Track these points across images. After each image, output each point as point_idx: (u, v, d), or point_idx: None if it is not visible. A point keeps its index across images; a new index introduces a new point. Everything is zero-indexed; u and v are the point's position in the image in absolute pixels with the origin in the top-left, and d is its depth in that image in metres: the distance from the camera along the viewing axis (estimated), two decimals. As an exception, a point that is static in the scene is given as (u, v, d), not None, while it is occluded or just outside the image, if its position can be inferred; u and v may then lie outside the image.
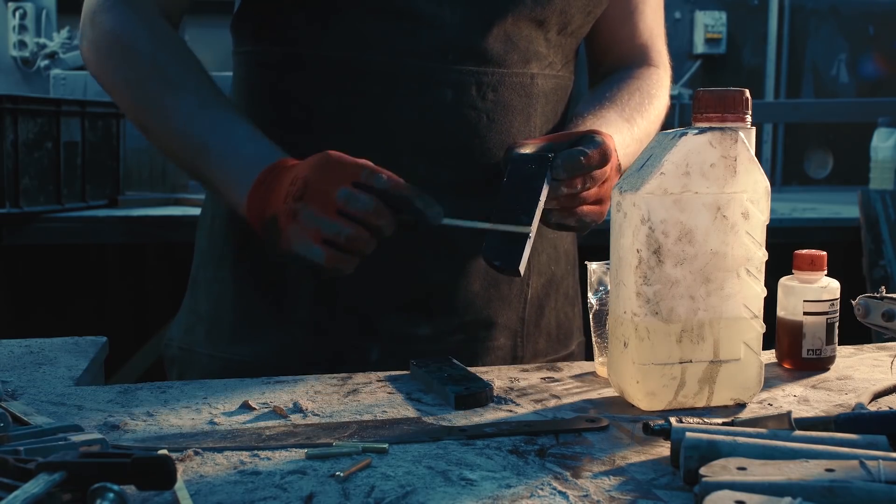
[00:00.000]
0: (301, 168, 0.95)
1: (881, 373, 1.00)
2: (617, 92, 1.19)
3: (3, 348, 1.02)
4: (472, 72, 1.09)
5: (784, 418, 0.72)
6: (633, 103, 1.18)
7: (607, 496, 0.65)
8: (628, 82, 1.21)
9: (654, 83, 1.23)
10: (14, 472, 0.60)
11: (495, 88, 1.10)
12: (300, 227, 0.92)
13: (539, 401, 0.88)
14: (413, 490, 0.65)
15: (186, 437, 0.76)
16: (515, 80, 1.12)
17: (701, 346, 0.84)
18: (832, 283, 1.01)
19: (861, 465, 0.62)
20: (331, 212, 0.92)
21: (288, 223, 0.93)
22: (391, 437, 0.76)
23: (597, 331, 1.00)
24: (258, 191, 0.97)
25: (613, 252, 0.87)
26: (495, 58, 1.10)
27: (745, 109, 0.88)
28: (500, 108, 1.11)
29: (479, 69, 1.09)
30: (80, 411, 0.82)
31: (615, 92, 1.19)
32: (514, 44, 1.11)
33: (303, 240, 0.92)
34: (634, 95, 1.19)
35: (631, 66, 1.26)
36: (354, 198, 0.91)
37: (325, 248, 0.92)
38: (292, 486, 0.66)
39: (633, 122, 1.16)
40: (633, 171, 0.86)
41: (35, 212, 2.81)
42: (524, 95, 1.13)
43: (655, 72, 1.26)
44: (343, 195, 0.91)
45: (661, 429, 0.73)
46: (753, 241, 0.85)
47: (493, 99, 1.10)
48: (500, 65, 1.10)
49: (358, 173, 0.92)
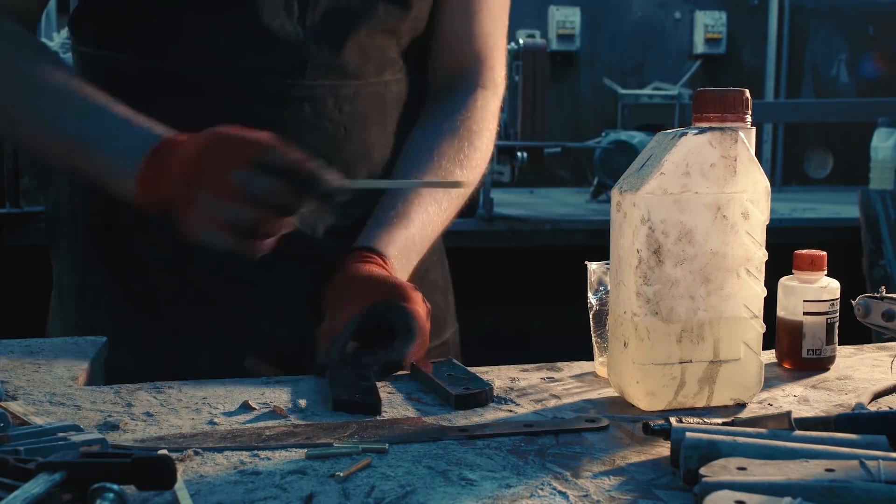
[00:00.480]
0: (190, 148, 0.91)
1: (881, 373, 1.00)
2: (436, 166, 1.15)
3: (2, 348, 1.02)
4: (328, 86, 1.09)
5: (784, 418, 0.72)
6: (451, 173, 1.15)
7: (607, 496, 0.65)
8: (448, 137, 1.17)
9: (479, 117, 1.20)
10: (14, 472, 0.60)
11: (352, 100, 1.11)
12: (199, 214, 0.88)
13: (539, 401, 0.88)
14: (413, 490, 0.65)
15: (186, 437, 0.76)
16: (371, 90, 1.13)
17: (701, 346, 0.84)
18: (832, 283, 1.01)
19: (861, 465, 0.61)
20: (228, 195, 0.87)
21: (186, 211, 0.89)
22: (391, 438, 0.76)
23: (597, 331, 1.00)
24: (147, 174, 0.93)
25: (613, 252, 0.87)
26: (351, 70, 1.11)
27: (745, 109, 0.88)
28: (357, 119, 1.12)
29: (336, 83, 1.10)
30: (80, 411, 0.82)
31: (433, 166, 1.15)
32: (367, 55, 1.12)
33: (205, 228, 0.89)
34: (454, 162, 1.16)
35: (459, 89, 1.22)
36: (251, 181, 0.86)
37: (230, 235, 0.88)
38: (292, 486, 0.66)
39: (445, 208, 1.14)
40: (633, 171, 0.86)
41: (35, 212, 2.81)
42: (380, 104, 1.14)
43: (482, 96, 1.22)
44: (239, 179, 0.87)
45: (661, 429, 0.73)
46: (753, 241, 0.85)
47: (349, 111, 1.11)
48: (356, 77, 1.11)
49: (251, 151, 0.87)
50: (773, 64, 6.04)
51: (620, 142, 4.49)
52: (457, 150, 1.17)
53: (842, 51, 6.12)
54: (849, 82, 6.14)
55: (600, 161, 4.50)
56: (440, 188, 1.14)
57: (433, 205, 1.13)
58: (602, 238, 0.94)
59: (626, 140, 4.50)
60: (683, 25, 5.97)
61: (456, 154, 1.16)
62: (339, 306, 1.00)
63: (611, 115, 5.42)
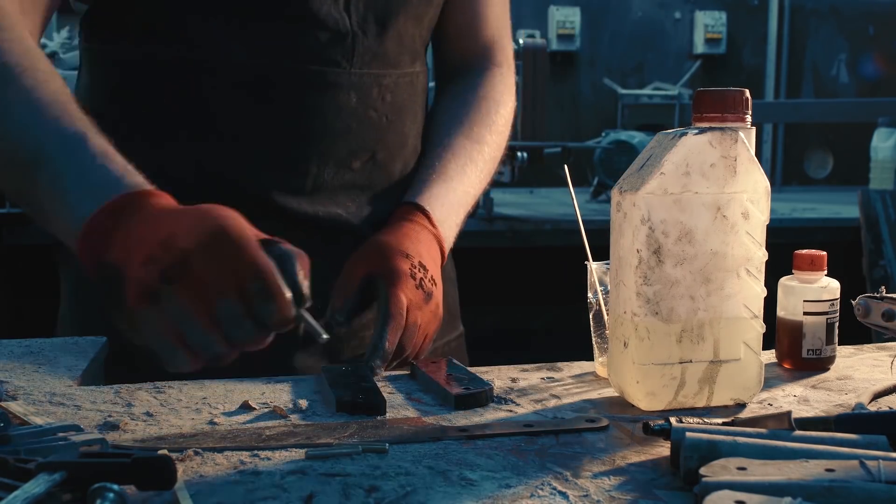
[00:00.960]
0: (182, 233, 0.71)
1: (881, 373, 1.00)
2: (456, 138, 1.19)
3: (3, 348, 1.02)
4: (373, 74, 1.10)
5: (784, 418, 0.72)
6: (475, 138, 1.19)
7: (607, 496, 0.65)
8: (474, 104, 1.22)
9: (499, 89, 1.25)
10: (14, 472, 0.60)
11: (392, 89, 1.13)
12: (160, 318, 0.70)
13: (539, 401, 0.88)
14: (413, 490, 0.65)
15: (186, 437, 0.76)
16: (406, 80, 1.15)
17: (701, 346, 0.84)
18: (832, 283, 1.01)
19: (861, 465, 0.62)
20: (204, 317, 0.70)
21: (143, 303, 0.70)
22: (391, 438, 0.76)
23: (597, 331, 1.00)
24: (102, 222, 0.76)
25: (613, 252, 0.87)
26: (391, 59, 1.12)
27: (745, 109, 0.88)
28: (396, 108, 1.14)
29: (379, 71, 1.11)
30: (80, 411, 0.82)
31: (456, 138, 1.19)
32: (403, 44, 1.14)
33: (160, 335, 0.71)
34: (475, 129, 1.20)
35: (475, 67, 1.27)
36: (237, 323, 0.70)
37: (184, 351, 0.71)
38: (292, 486, 0.66)
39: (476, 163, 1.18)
40: (633, 172, 0.86)
41: (35, 212, 2.81)
42: (413, 94, 1.17)
43: (499, 73, 1.27)
44: (225, 312, 0.70)
45: (661, 429, 0.73)
46: (753, 241, 0.85)
47: (390, 100, 1.13)
48: (395, 66, 1.13)
49: (248, 278, 0.69)
50: (773, 64, 6.05)
51: (620, 142, 4.49)
52: (484, 115, 1.21)
53: (842, 51, 6.12)
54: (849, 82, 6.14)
55: (600, 161, 4.50)
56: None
57: (470, 164, 1.17)
58: (602, 238, 0.94)
59: (626, 140, 4.50)
60: (683, 25, 5.97)
61: (484, 119, 1.21)
62: (354, 265, 1.04)
63: (611, 115, 5.42)
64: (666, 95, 5.30)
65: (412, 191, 1.13)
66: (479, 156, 1.18)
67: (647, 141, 1.28)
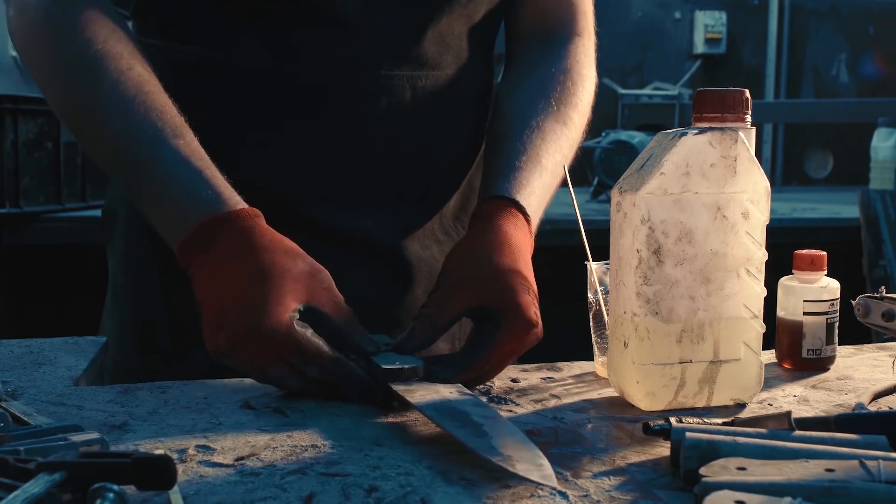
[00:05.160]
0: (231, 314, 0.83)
1: (881, 373, 1.00)
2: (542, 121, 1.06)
3: (3, 348, 1.02)
4: (406, 76, 1.05)
5: (784, 418, 0.72)
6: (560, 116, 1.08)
7: (607, 496, 0.65)
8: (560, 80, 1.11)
9: (584, 63, 1.14)
10: (14, 472, 0.60)
11: (430, 92, 1.06)
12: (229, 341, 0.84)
13: (539, 401, 0.88)
14: (413, 490, 0.65)
15: (186, 437, 0.76)
16: (449, 83, 1.08)
17: (701, 346, 0.84)
18: (832, 283, 1.01)
19: (861, 465, 0.62)
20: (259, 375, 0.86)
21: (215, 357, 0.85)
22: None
23: (597, 331, 1.00)
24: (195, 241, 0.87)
25: (613, 252, 0.87)
26: (430, 61, 1.06)
27: (745, 109, 0.88)
28: (435, 113, 1.07)
29: (414, 73, 1.05)
30: (80, 411, 0.82)
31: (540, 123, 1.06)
32: (447, 44, 1.07)
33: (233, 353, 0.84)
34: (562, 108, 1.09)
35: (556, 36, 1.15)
36: (284, 382, 0.85)
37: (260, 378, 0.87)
38: (292, 486, 0.66)
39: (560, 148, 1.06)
40: (633, 172, 0.86)
41: (35, 212, 2.81)
42: (456, 95, 1.09)
43: (581, 43, 1.16)
44: (274, 375, 0.85)
45: (661, 429, 0.73)
46: (753, 241, 0.85)
47: (428, 105, 1.06)
48: (435, 67, 1.06)
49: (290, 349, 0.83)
50: (773, 64, 6.05)
51: (620, 142, 4.50)
52: (570, 93, 1.10)
53: (842, 51, 6.12)
54: (849, 82, 6.14)
55: (600, 161, 4.50)
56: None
57: (558, 152, 1.05)
58: (602, 238, 0.94)
59: (626, 140, 4.50)
60: (683, 25, 5.97)
61: (570, 98, 1.10)
62: (452, 288, 0.90)
63: (611, 115, 5.43)
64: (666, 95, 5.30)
65: (510, 178, 1.00)
66: (565, 141, 1.07)
67: (647, 141, 1.28)
